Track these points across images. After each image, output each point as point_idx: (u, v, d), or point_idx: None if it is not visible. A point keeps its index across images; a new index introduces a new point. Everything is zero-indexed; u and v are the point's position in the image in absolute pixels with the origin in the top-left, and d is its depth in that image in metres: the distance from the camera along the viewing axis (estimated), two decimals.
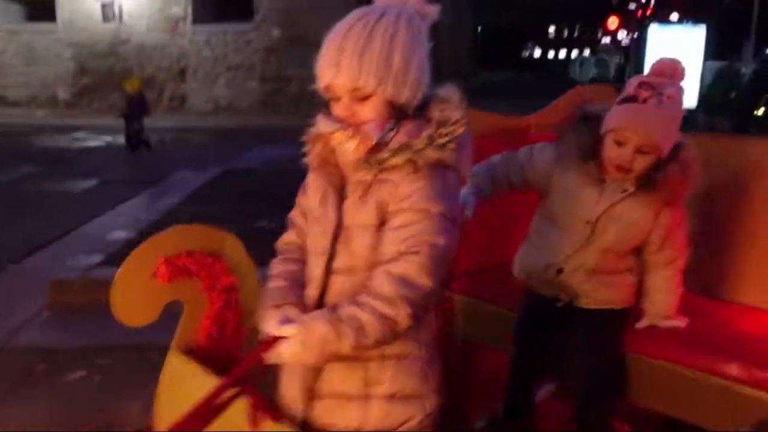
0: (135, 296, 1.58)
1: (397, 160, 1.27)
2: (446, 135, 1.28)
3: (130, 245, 4.53)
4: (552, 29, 56.18)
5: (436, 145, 1.27)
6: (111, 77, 16.89)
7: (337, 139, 1.30)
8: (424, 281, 1.23)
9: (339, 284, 1.34)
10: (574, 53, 49.44)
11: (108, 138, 11.57)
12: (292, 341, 1.24)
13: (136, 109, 10.09)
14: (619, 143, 1.77)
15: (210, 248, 1.68)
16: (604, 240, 1.86)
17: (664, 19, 25.57)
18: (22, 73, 17.16)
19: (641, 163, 1.76)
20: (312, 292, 1.38)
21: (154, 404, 1.67)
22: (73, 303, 3.80)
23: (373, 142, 1.27)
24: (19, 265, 4.52)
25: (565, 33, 56.57)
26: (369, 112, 1.28)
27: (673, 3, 29.82)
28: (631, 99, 1.76)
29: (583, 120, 1.89)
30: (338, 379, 1.35)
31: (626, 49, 35.86)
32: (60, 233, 5.16)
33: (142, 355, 3.29)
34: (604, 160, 1.81)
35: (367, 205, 1.31)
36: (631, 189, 1.81)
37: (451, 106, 1.32)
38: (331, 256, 1.36)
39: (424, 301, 1.25)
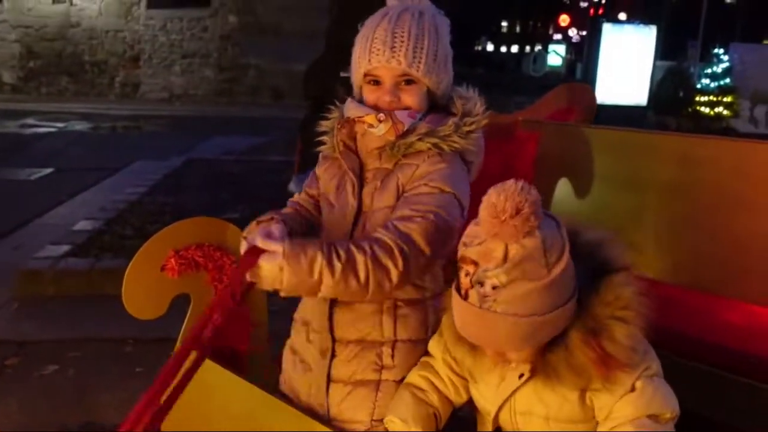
0: (145, 289, 1.58)
1: (423, 144, 1.31)
2: (472, 124, 1.35)
3: (98, 235, 4.49)
4: (505, 24, 56.79)
5: (461, 133, 1.33)
6: (60, 61, 16.39)
7: (369, 122, 1.33)
8: (424, 246, 1.24)
9: None
10: (527, 48, 50.07)
11: (60, 124, 11.23)
12: (276, 256, 1.18)
13: None
14: None
15: (218, 241, 1.68)
16: None
17: (614, 19, 26.23)
18: None
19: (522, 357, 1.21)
20: None
21: None
22: (43, 294, 3.71)
23: (405, 128, 1.32)
24: None
25: (518, 28, 57.24)
26: (412, 98, 1.34)
27: (623, 3, 30.58)
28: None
29: None
30: (350, 364, 1.38)
31: (577, 45, 36.64)
32: (20, 223, 5.01)
33: (117, 348, 3.26)
34: None
35: (388, 190, 1.34)
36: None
37: (473, 101, 1.39)
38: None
39: (417, 264, 1.24)
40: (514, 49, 53.30)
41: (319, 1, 13.41)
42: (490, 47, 55.26)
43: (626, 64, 14.93)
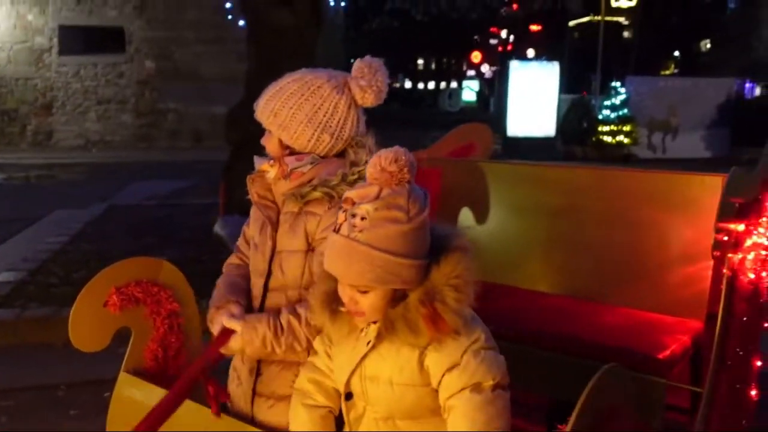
0: (89, 324, 1.74)
1: (316, 193, 1.55)
2: (357, 173, 1.56)
3: (22, 285, 4.48)
4: (421, 62, 58.45)
5: (347, 182, 1.55)
6: None
7: (265, 170, 1.60)
8: None
9: (275, 300, 1.61)
10: (443, 84, 51.70)
11: None
12: (237, 336, 1.55)
13: None
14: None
15: (154, 278, 1.86)
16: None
17: (522, 55, 27.69)
18: None
19: (367, 304, 1.33)
20: (254, 306, 1.65)
21: (107, 424, 1.80)
22: None
23: (289, 169, 1.58)
24: None
25: (433, 65, 59.04)
26: (269, 144, 1.62)
27: (530, 41, 32.29)
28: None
29: None
30: (273, 381, 1.62)
31: (489, 80, 38.18)
32: None
33: (50, 394, 3.30)
34: None
35: (296, 234, 1.58)
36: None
37: (365, 150, 1.61)
38: (268, 277, 1.63)
39: None
40: (431, 85, 54.82)
41: (235, 45, 13.71)
42: (408, 84, 56.64)
43: (533, 98, 15.82)
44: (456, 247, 1.33)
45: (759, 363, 2.41)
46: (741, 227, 1.92)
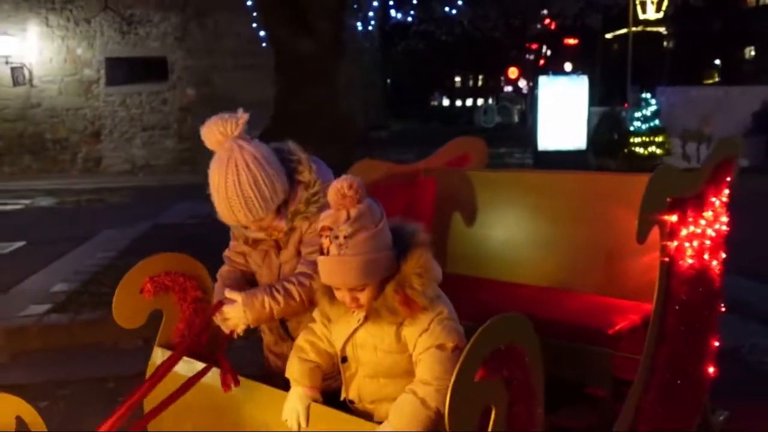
0: (128, 307, 2.15)
1: (297, 222, 2.01)
2: (315, 195, 2.00)
3: (76, 295, 4.98)
4: (458, 79, 58.80)
5: (311, 202, 2.00)
6: (22, 141, 16.85)
7: (265, 237, 2.07)
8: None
9: None
10: (480, 101, 51.93)
11: (26, 201, 11.65)
12: (237, 305, 1.93)
13: None
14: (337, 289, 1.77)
15: (181, 269, 2.27)
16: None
17: (559, 69, 27.82)
18: None
19: (366, 297, 1.72)
20: None
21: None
22: (29, 348, 4.18)
23: (285, 230, 2.03)
24: None
25: (470, 82, 59.35)
26: (267, 223, 2.02)
27: (564, 55, 32.39)
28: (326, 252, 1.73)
29: None
30: None
31: (526, 96, 38.26)
32: None
33: (101, 385, 3.75)
34: None
35: (289, 249, 2.07)
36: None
37: (303, 167, 2.03)
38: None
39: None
40: (469, 102, 55.06)
41: (269, 72, 14.34)
42: (445, 102, 57.01)
43: (563, 111, 16.02)
44: (418, 243, 1.74)
45: (716, 343, 2.70)
46: (674, 218, 2.23)
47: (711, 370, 2.67)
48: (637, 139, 15.80)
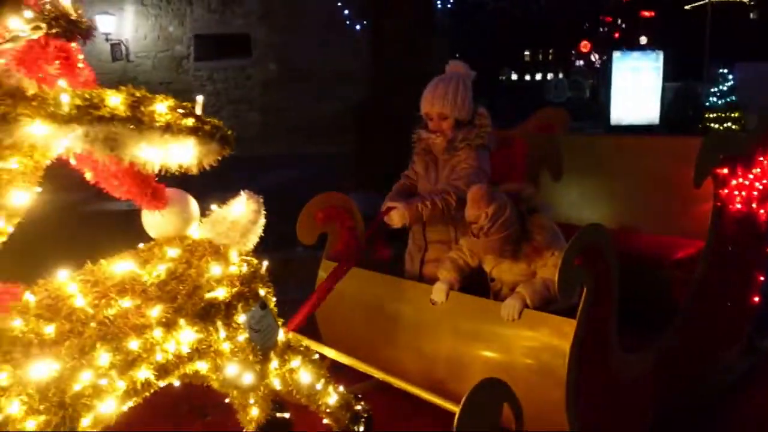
0: (305, 229, 2.94)
1: (462, 144, 2.77)
2: (483, 130, 2.80)
3: None
4: (527, 53, 58.07)
5: (479, 135, 2.77)
6: None
7: (432, 139, 2.79)
8: (465, 188, 2.67)
9: None
10: (549, 76, 51.26)
11: None
12: (399, 208, 2.78)
13: None
14: None
15: (340, 204, 3.04)
16: None
17: (633, 43, 27.35)
18: None
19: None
20: None
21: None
22: None
23: (449, 137, 2.77)
24: None
25: (540, 56, 58.51)
26: (446, 125, 2.78)
27: (639, 28, 31.73)
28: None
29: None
30: (433, 254, 2.89)
31: (598, 70, 37.66)
32: None
33: None
34: None
35: (448, 168, 2.83)
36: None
37: (484, 117, 2.85)
38: None
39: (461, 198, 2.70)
40: (538, 77, 54.35)
41: (347, 47, 15.16)
42: (513, 76, 56.45)
43: (637, 87, 16.15)
44: (532, 208, 2.59)
45: (761, 278, 3.29)
46: (725, 171, 2.84)
47: (756, 299, 3.27)
48: (713, 115, 15.79)
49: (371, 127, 6.40)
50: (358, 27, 13.15)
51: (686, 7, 30.10)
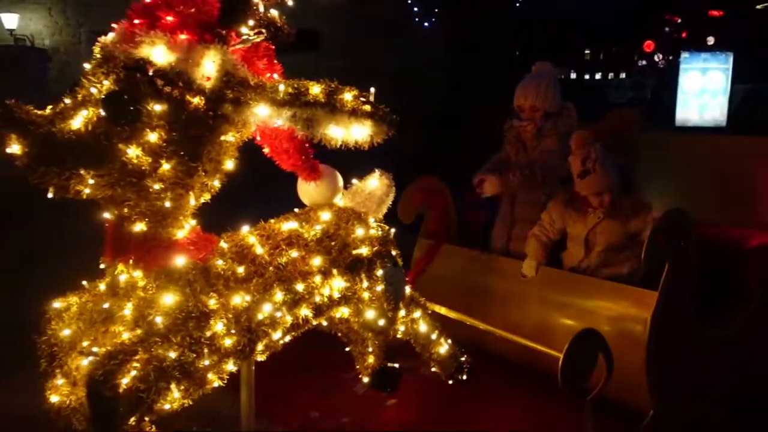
0: (405, 210, 3.30)
1: (550, 132, 3.10)
2: (569, 120, 3.13)
3: None
4: (587, 52, 57.12)
5: (564, 125, 3.10)
6: None
7: (523, 127, 3.11)
8: (548, 169, 3.08)
9: None
10: (610, 75, 50.33)
11: None
12: (492, 179, 3.21)
13: None
14: None
15: (434, 188, 3.39)
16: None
17: (699, 43, 26.72)
18: None
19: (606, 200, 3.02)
20: None
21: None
22: None
23: (539, 125, 3.11)
24: None
25: (601, 56, 57.48)
26: (537, 116, 3.11)
27: (707, 27, 30.95)
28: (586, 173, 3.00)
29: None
30: (521, 231, 3.19)
31: (662, 71, 36.82)
32: None
33: None
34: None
35: (535, 153, 3.16)
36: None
37: (570, 110, 3.18)
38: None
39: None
40: (598, 76, 53.37)
41: (409, 45, 15.49)
42: (573, 75, 55.58)
43: (704, 88, 15.88)
44: (632, 181, 2.94)
45: None
46: None
47: None
48: None
49: (440, 122, 6.74)
50: (426, 24, 13.47)
51: (757, 7, 29.23)
